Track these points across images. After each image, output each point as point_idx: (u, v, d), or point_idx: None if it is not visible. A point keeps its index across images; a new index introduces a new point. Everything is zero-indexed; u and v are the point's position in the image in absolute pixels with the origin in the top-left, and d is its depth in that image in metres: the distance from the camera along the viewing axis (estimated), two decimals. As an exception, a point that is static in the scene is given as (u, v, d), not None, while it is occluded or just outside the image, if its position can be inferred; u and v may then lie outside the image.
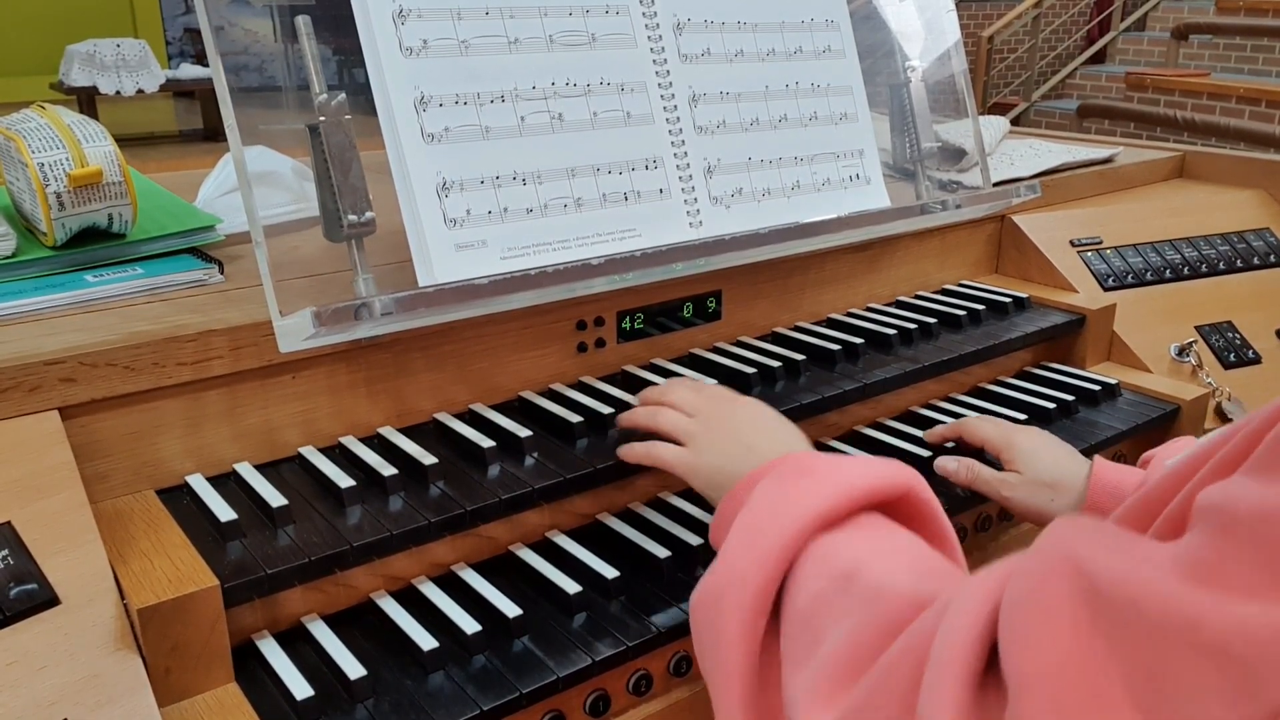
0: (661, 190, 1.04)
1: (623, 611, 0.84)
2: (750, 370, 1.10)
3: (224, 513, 0.81)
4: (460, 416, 1.00)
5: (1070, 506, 0.95)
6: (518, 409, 1.03)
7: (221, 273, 0.99)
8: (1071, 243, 1.49)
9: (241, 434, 0.90)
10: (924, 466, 1.09)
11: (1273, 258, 1.60)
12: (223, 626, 0.73)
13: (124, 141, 1.02)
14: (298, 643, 0.79)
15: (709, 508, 0.98)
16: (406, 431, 0.97)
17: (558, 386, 1.07)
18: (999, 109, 7.48)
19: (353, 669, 0.74)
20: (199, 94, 6.41)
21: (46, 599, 0.66)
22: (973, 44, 7.49)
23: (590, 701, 0.80)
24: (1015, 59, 7.97)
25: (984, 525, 1.08)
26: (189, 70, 6.04)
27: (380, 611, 0.83)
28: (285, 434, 0.92)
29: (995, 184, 1.40)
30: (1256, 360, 1.43)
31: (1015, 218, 1.50)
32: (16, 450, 0.76)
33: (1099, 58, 7.91)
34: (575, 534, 0.94)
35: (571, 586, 0.84)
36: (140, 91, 5.64)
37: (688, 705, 0.86)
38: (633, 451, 0.91)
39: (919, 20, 1.34)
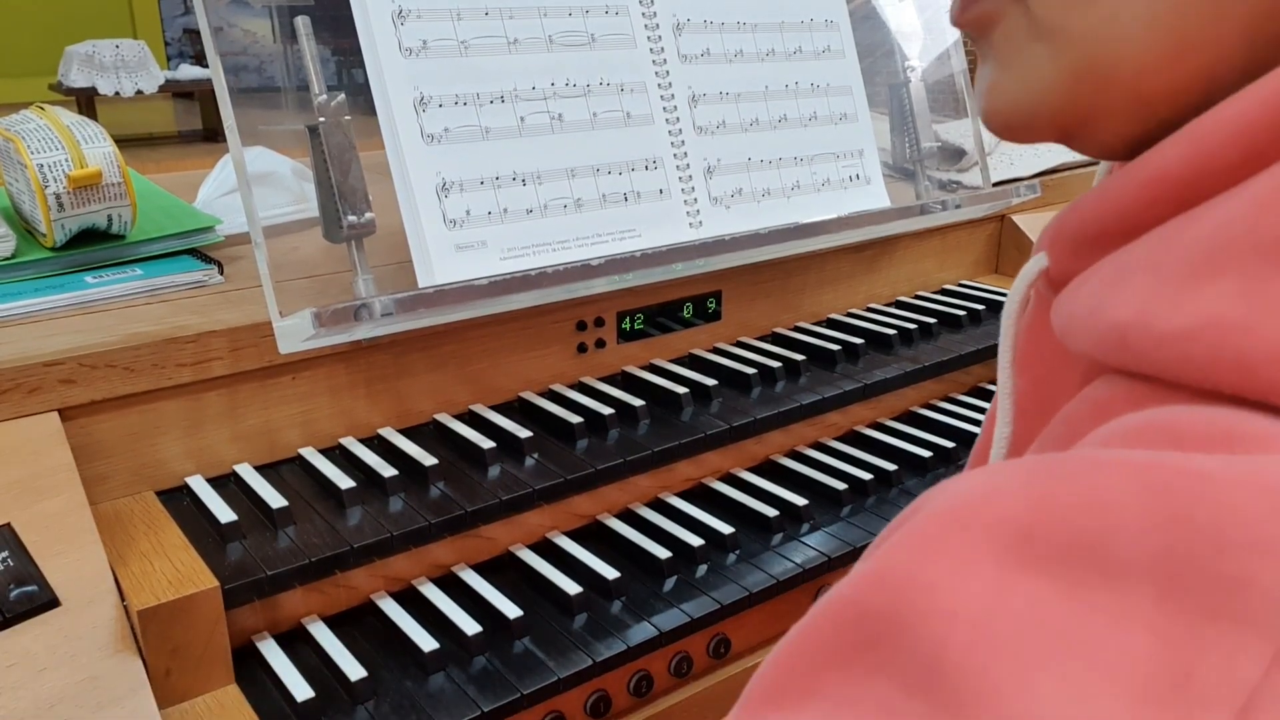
0: (661, 190, 1.04)
1: (623, 612, 0.84)
2: (750, 371, 1.10)
3: (224, 514, 0.81)
4: (460, 417, 1.00)
5: None
6: (518, 410, 1.03)
7: (221, 273, 0.99)
8: (1071, 242, 1.49)
9: (241, 435, 0.90)
10: (924, 466, 1.09)
11: (1273, 257, 1.60)
12: (223, 628, 0.73)
13: (123, 142, 1.02)
14: (298, 644, 0.79)
15: (709, 508, 0.98)
16: (406, 432, 0.97)
17: (558, 387, 1.07)
18: (998, 109, 7.48)
19: (353, 670, 0.74)
20: (198, 95, 6.40)
21: (46, 601, 0.66)
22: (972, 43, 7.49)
23: (591, 702, 0.80)
24: (1014, 59, 7.97)
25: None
26: (188, 71, 6.03)
27: (381, 612, 0.83)
28: (285, 435, 0.92)
29: (995, 184, 1.40)
30: (1257, 360, 1.43)
31: (1015, 218, 1.50)
32: (16, 452, 0.76)
33: (1098, 57, 7.91)
34: (575, 534, 0.94)
35: (572, 587, 0.84)
36: (139, 92, 5.64)
37: (688, 706, 0.86)
38: None
39: (918, 20, 1.34)
